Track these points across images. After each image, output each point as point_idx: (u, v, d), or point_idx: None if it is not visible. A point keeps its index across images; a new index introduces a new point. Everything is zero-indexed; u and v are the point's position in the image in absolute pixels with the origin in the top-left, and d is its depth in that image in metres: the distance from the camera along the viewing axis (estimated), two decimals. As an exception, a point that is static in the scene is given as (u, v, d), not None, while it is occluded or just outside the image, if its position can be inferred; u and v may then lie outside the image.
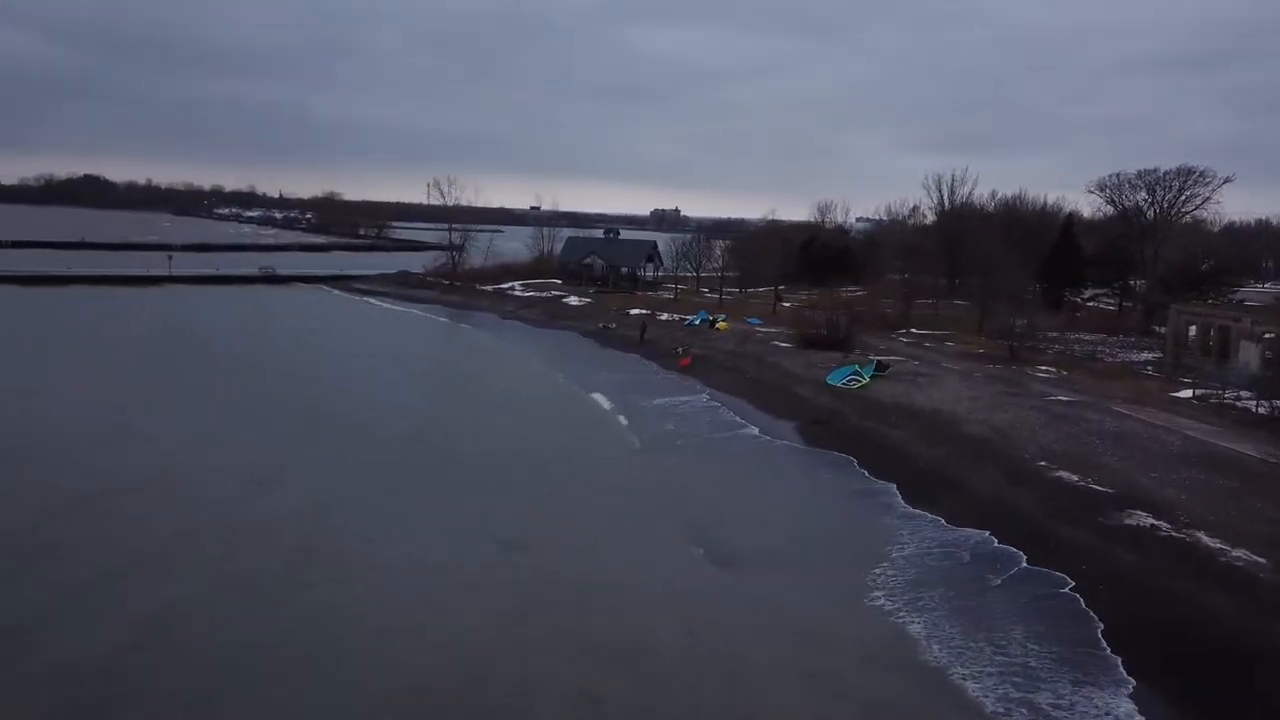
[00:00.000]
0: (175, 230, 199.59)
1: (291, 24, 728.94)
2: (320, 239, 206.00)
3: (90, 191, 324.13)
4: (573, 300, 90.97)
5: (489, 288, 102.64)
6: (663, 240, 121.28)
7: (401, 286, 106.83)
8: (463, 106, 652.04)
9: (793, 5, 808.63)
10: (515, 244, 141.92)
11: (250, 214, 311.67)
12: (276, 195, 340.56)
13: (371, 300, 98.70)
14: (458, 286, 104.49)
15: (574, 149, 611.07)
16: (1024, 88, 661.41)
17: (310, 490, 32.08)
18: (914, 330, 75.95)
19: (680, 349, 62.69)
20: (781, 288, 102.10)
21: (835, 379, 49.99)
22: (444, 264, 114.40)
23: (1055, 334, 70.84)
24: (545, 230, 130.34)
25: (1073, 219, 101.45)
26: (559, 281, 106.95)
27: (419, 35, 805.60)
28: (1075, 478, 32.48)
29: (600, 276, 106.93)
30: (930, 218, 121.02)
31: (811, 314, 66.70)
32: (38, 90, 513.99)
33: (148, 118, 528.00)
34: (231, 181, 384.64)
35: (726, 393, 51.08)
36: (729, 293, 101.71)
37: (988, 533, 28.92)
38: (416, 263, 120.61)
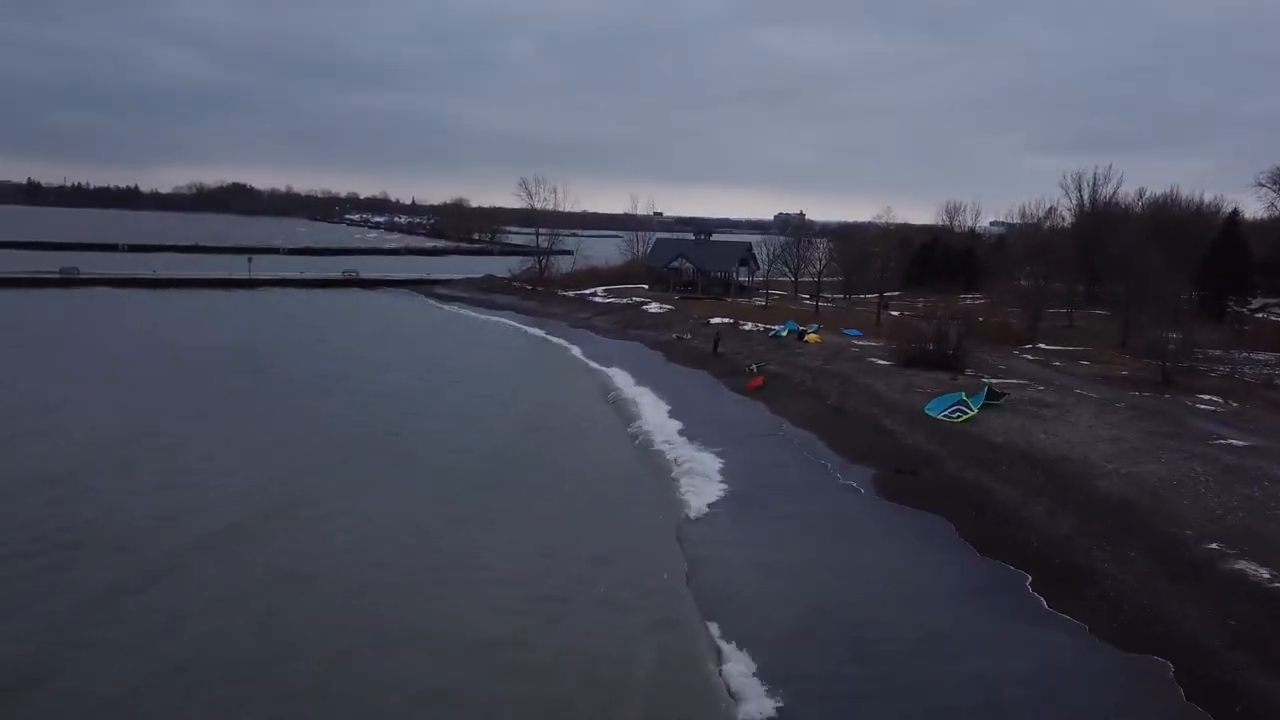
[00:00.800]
0: (307, 234, 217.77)
1: (433, 37, 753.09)
2: (432, 243, 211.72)
3: (237, 198, 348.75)
4: (653, 307, 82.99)
5: (570, 293, 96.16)
6: (770, 243, 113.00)
7: (482, 291, 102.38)
8: (592, 113, 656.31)
9: (922, 2, 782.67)
10: (611, 249, 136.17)
11: (377, 219, 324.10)
12: (409, 202, 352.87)
13: (445, 305, 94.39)
14: (539, 292, 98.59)
15: (699, 153, 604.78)
16: (1173, 83, 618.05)
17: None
18: (1042, 345, 65.10)
19: (753, 366, 53.81)
20: (893, 294, 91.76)
21: (935, 409, 40.39)
22: (530, 268, 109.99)
23: (1218, 352, 58.82)
24: (639, 233, 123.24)
25: (1237, 216, 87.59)
26: (645, 286, 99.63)
27: (555, 46, 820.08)
28: (1265, 573, 22.51)
29: (689, 281, 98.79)
30: (1068, 220, 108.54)
31: (917, 325, 56.85)
32: (193, 105, 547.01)
33: (292, 129, 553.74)
34: (367, 189, 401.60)
35: (796, 423, 41.97)
36: (830, 299, 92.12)
37: (1171, 667, 19.31)
38: (520, 266, 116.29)
